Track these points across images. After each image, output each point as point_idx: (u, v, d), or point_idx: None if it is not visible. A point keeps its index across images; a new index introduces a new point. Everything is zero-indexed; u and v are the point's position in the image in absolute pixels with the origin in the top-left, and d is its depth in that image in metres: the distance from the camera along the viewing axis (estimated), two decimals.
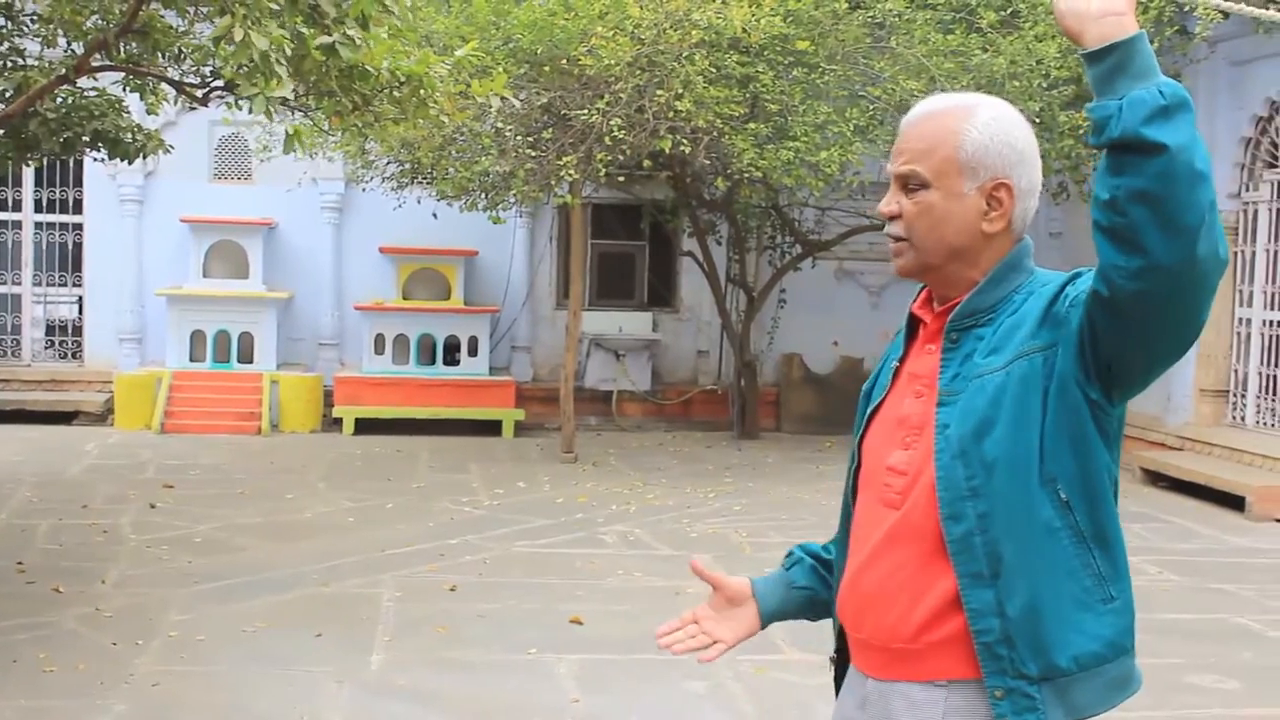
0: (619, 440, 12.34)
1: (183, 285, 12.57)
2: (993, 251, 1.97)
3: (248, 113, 4.94)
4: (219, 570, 6.91)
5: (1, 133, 7.43)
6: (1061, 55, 9.41)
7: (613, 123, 9.22)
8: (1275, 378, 10.64)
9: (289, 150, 5.36)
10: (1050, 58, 9.44)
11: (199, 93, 7.01)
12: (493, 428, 12.44)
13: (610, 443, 12.13)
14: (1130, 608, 1.95)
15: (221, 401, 12.10)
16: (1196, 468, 10.21)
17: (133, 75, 7.09)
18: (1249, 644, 6.17)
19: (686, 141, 9.57)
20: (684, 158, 10.46)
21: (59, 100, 7.69)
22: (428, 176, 10.76)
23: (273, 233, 13.01)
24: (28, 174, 12.61)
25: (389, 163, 10.95)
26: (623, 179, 11.87)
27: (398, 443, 11.66)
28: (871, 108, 9.84)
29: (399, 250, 12.83)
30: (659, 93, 9.27)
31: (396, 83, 5.39)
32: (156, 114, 7.88)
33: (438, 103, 5.72)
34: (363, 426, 12.24)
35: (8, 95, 7.39)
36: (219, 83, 6.80)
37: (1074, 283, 1.89)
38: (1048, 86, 9.62)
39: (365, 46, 5.09)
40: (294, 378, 12.47)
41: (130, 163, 8.48)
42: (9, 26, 7.51)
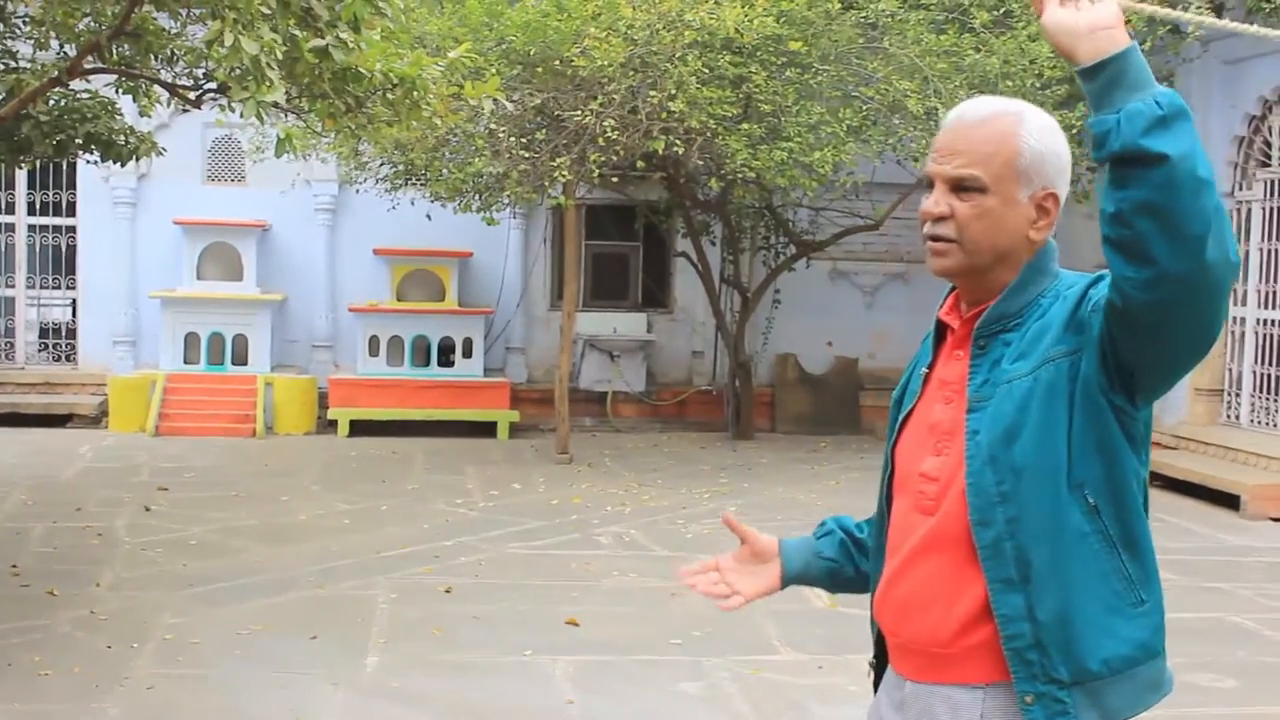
0: (614, 441, 12.34)
1: (176, 287, 12.55)
2: (1028, 257, 1.97)
3: (240, 115, 4.93)
4: (214, 573, 6.89)
5: None
6: (1054, 55, 9.41)
7: (606, 123, 9.22)
8: (1270, 376, 10.66)
9: (281, 154, 5.36)
10: (1043, 57, 9.47)
11: (192, 95, 7.00)
12: (487, 429, 12.43)
13: (605, 444, 12.12)
14: (1160, 610, 1.96)
15: (216, 404, 12.09)
16: (1192, 467, 10.22)
17: (125, 77, 7.07)
18: (1245, 643, 6.19)
19: (680, 142, 9.57)
20: (678, 158, 10.46)
21: (52, 103, 7.67)
22: (421, 178, 10.75)
23: (266, 235, 12.99)
24: (21, 176, 12.59)
25: (382, 164, 10.94)
26: (616, 180, 11.86)
27: (392, 445, 11.65)
28: (865, 108, 9.85)
29: (393, 252, 12.82)
30: (652, 93, 9.27)
31: (389, 85, 5.39)
32: (149, 116, 7.85)
33: (431, 104, 5.72)
34: (357, 428, 12.23)
35: (0, 98, 7.38)
36: (212, 85, 6.79)
37: (1096, 286, 1.89)
38: (1041, 86, 9.64)
39: (358, 49, 5.09)
40: (288, 380, 12.45)
41: (123, 165, 8.46)
42: (1, 29, 7.50)
